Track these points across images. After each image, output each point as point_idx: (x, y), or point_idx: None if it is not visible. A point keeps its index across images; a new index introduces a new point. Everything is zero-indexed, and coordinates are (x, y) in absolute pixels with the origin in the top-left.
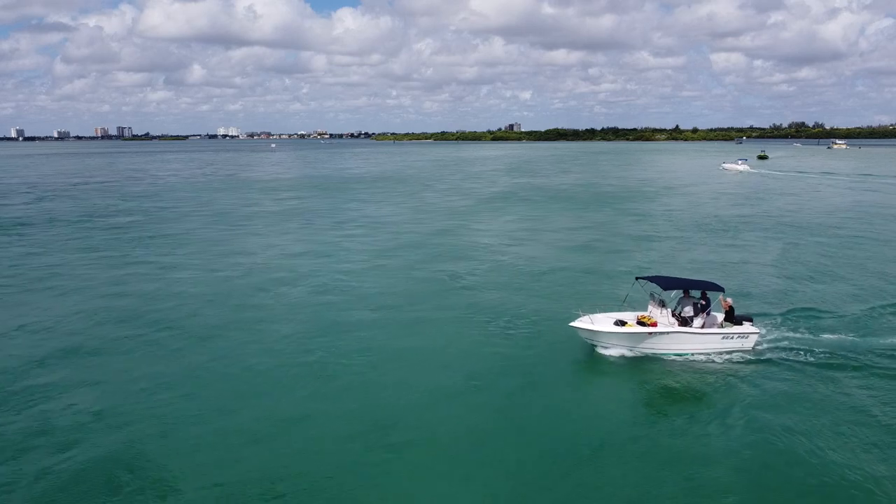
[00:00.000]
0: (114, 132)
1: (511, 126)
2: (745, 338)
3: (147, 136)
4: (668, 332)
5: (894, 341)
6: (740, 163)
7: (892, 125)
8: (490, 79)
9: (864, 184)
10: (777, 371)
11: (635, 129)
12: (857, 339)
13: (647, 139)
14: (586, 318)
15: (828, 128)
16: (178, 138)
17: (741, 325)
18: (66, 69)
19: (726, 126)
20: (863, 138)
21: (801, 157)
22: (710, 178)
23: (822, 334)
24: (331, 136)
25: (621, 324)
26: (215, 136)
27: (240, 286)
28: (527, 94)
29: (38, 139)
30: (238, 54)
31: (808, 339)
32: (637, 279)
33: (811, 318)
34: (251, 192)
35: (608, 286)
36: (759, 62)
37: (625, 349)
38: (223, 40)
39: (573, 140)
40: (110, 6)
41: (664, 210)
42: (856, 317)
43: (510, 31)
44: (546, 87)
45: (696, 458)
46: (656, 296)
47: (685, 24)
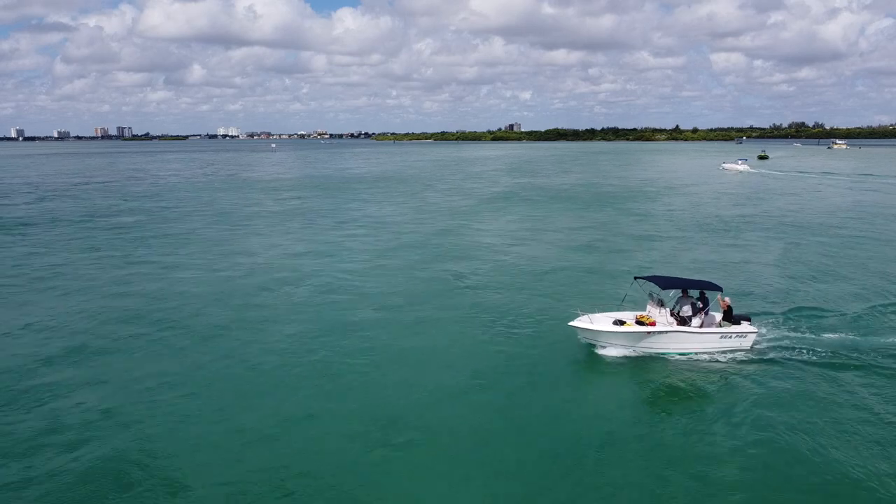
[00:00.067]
0: (114, 132)
1: (511, 126)
2: (744, 337)
3: (147, 136)
4: (666, 332)
5: (894, 340)
6: (740, 163)
7: (892, 125)
8: (490, 79)
9: (865, 184)
10: (776, 370)
11: (635, 130)
12: (858, 339)
13: (647, 139)
14: (585, 317)
15: (828, 128)
16: (178, 138)
17: (739, 324)
18: (66, 69)
19: (726, 126)
20: (863, 138)
21: (802, 158)
22: (711, 178)
23: (823, 333)
24: (331, 136)
25: (620, 323)
26: (215, 136)
27: (242, 286)
28: (527, 94)
29: (38, 139)
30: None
31: (809, 338)
32: (636, 279)
33: (811, 318)
34: (252, 192)
35: (610, 286)
36: (759, 62)
37: (623, 348)
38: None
39: (573, 140)
40: (110, 6)
41: (665, 210)
42: (856, 316)
43: (510, 31)
44: (546, 87)
45: (696, 457)
46: (655, 295)
47: (685, 24)
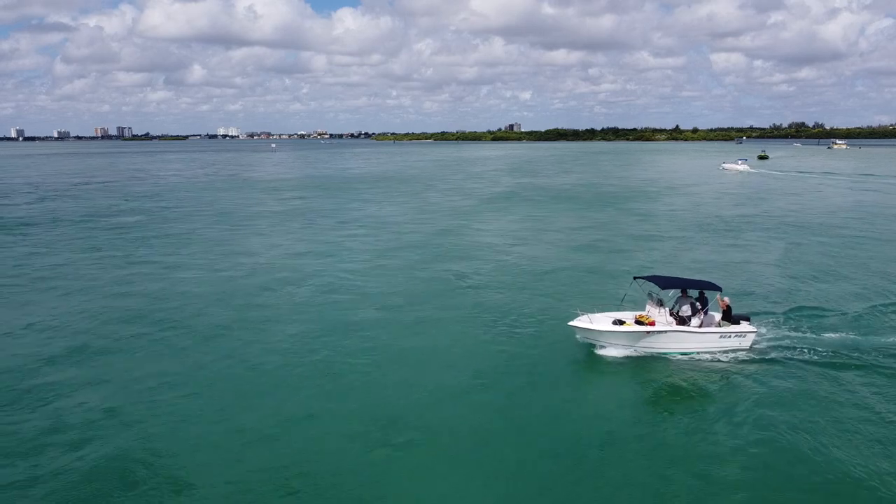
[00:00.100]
0: (114, 132)
1: (511, 126)
2: (743, 337)
3: (147, 136)
4: (665, 332)
5: (894, 340)
6: (740, 163)
7: (892, 125)
8: (490, 79)
9: (866, 184)
10: (776, 369)
11: (635, 130)
12: (859, 338)
13: (648, 139)
14: (585, 317)
15: (828, 128)
16: (178, 138)
17: (739, 324)
18: (66, 69)
19: (726, 126)
20: (863, 138)
21: (802, 158)
22: (711, 178)
23: (823, 333)
24: (331, 136)
25: (619, 323)
26: (215, 137)
27: (244, 286)
28: (527, 95)
29: (38, 139)
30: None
31: (809, 337)
32: (635, 279)
33: (812, 317)
34: (253, 192)
35: (612, 286)
36: (759, 62)
37: (623, 348)
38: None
39: (573, 140)
40: (110, 6)
41: (665, 210)
42: (857, 316)
43: (510, 31)
44: (546, 88)
45: (696, 456)
46: (654, 295)
47: (685, 25)
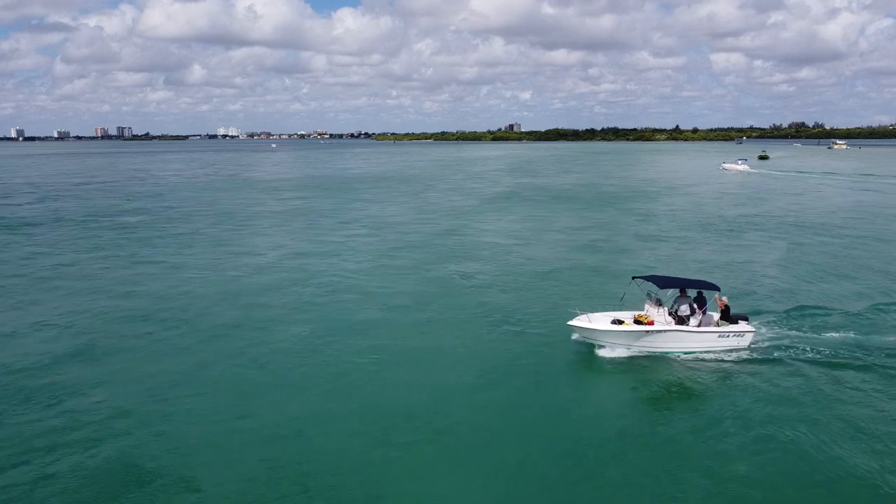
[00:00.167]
0: (114, 132)
1: (511, 126)
2: (741, 336)
3: (147, 136)
4: (664, 331)
5: (894, 339)
6: (740, 163)
7: (892, 125)
8: (490, 79)
9: (866, 184)
10: (775, 369)
11: (635, 130)
12: (859, 337)
13: (648, 139)
14: (584, 316)
15: (828, 128)
16: (178, 138)
17: (737, 323)
18: (66, 69)
19: (726, 126)
20: (863, 138)
21: (802, 158)
22: (711, 178)
23: (823, 332)
24: (331, 136)
25: (618, 323)
26: (215, 137)
27: (248, 285)
28: (527, 95)
29: (38, 139)
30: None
31: (809, 336)
32: (634, 278)
33: (812, 316)
34: (255, 192)
35: (614, 286)
36: (759, 62)
37: (622, 348)
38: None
39: (573, 140)
40: (110, 6)
41: (666, 210)
42: (857, 315)
43: (510, 32)
44: (546, 88)
45: (697, 455)
46: (653, 295)
47: (685, 24)
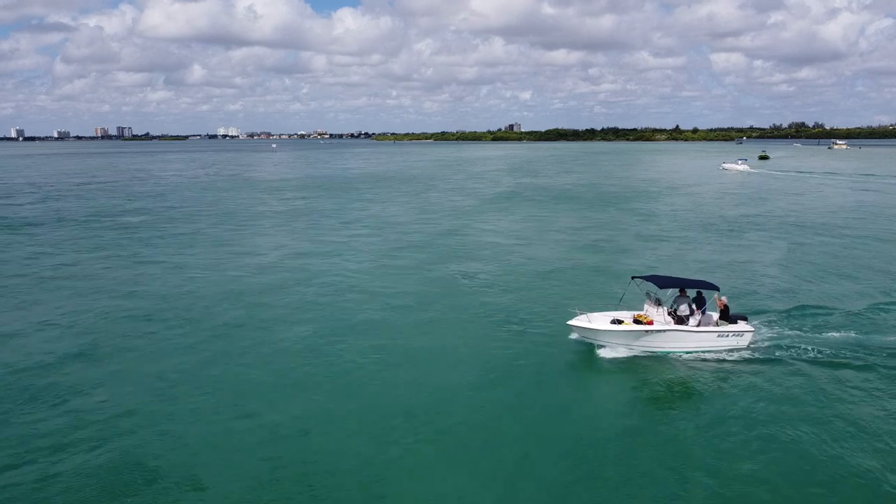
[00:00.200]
0: (114, 132)
1: (511, 126)
2: (740, 336)
3: (147, 136)
4: (663, 331)
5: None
6: (740, 163)
7: (892, 125)
8: (490, 79)
9: (867, 184)
10: (773, 368)
11: (635, 130)
12: (860, 336)
13: (648, 139)
14: (583, 316)
15: (828, 128)
16: (178, 138)
17: (736, 323)
18: (66, 69)
19: (726, 126)
20: (863, 138)
21: (803, 158)
22: (712, 178)
23: (823, 332)
24: (331, 136)
25: (618, 322)
26: (215, 137)
27: (250, 285)
28: (527, 95)
29: (38, 139)
30: (238, 54)
31: (809, 336)
32: (633, 278)
33: (812, 316)
34: (256, 191)
35: (616, 286)
36: (759, 62)
37: (621, 347)
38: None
39: (573, 140)
40: (110, 6)
41: (667, 210)
42: (858, 314)
43: (510, 31)
44: (546, 88)
45: (697, 454)
46: (652, 295)
47: (685, 24)
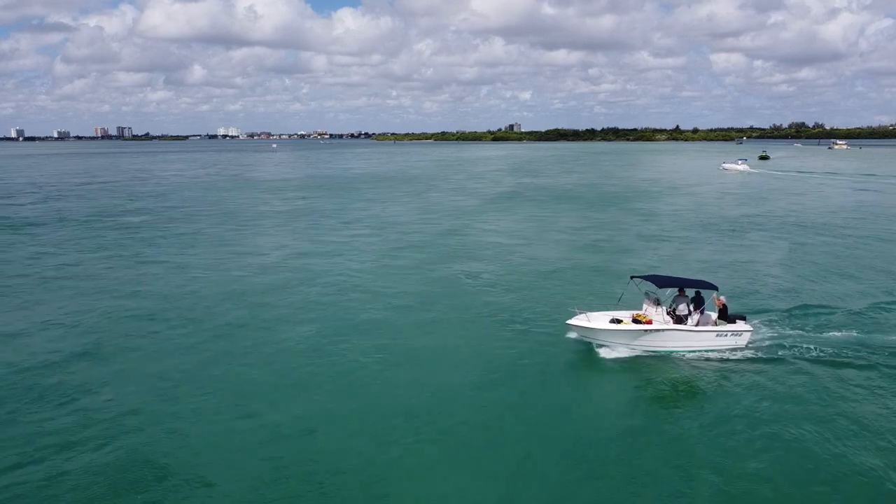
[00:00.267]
0: (114, 132)
1: (511, 126)
2: (739, 335)
3: (147, 137)
4: (662, 330)
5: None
6: (740, 163)
7: (892, 125)
8: (490, 79)
9: (868, 183)
10: (772, 367)
11: (635, 130)
12: (860, 336)
13: (648, 139)
14: (582, 315)
15: (828, 128)
16: (178, 138)
17: (735, 322)
18: (66, 69)
19: (726, 126)
20: (863, 138)
21: (803, 158)
22: (712, 179)
23: (823, 331)
24: (331, 136)
25: (617, 322)
26: (215, 137)
27: (252, 285)
28: (527, 95)
29: (39, 139)
30: (238, 54)
31: (809, 335)
32: (632, 278)
33: (812, 315)
34: (257, 191)
35: (617, 285)
36: (759, 62)
37: (620, 347)
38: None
39: (573, 140)
40: (110, 6)
41: (668, 210)
42: (860, 314)
43: (510, 32)
44: (546, 88)
45: (697, 453)
46: (651, 294)
47: (685, 25)
